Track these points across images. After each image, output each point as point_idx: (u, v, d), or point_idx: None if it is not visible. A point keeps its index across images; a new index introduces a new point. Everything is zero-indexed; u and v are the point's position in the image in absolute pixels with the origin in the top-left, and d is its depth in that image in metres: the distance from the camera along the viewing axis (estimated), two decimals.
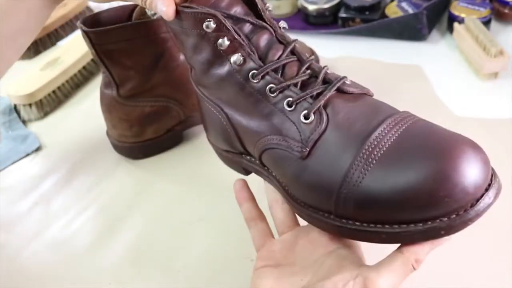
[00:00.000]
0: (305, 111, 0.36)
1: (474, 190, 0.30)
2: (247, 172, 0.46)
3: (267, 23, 0.38)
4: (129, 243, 0.51)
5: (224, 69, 0.39)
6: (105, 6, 0.55)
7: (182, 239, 0.50)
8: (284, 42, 0.39)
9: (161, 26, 0.53)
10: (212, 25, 0.36)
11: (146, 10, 0.54)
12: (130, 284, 0.47)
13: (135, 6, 0.55)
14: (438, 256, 0.44)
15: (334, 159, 0.34)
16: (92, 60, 0.77)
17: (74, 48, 0.76)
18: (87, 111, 0.71)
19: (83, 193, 0.58)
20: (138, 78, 0.55)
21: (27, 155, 0.65)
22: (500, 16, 0.72)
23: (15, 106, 0.71)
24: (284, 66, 0.38)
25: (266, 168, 0.41)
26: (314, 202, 0.36)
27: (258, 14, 0.39)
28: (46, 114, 0.71)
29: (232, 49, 0.37)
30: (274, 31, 0.38)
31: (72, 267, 0.50)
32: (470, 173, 0.29)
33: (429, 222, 0.30)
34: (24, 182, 0.61)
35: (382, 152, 0.32)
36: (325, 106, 0.36)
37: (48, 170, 0.62)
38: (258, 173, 0.43)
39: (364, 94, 0.38)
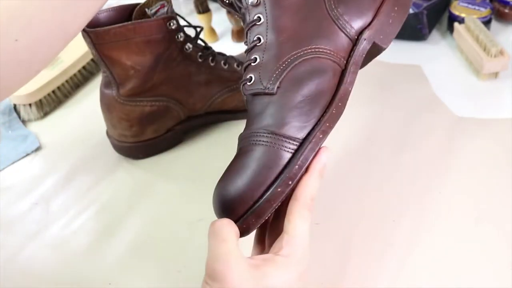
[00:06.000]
0: None
1: None
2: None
3: None
4: (129, 243, 0.51)
5: None
6: (104, 5, 0.55)
7: (182, 239, 0.50)
8: None
9: (161, 26, 0.53)
10: None
11: (146, 10, 0.54)
12: (130, 284, 0.47)
13: (135, 6, 0.55)
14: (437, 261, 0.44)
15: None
16: (92, 60, 0.77)
17: (74, 48, 0.76)
18: (87, 111, 0.71)
19: (83, 193, 0.58)
20: (138, 78, 0.55)
21: (27, 155, 0.65)
22: (500, 16, 0.72)
23: (14, 106, 0.71)
24: None
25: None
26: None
27: None
28: (46, 114, 0.71)
29: None
30: None
31: (72, 267, 0.50)
32: None
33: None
34: (24, 182, 0.61)
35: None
36: None
37: (48, 170, 0.62)
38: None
39: None
